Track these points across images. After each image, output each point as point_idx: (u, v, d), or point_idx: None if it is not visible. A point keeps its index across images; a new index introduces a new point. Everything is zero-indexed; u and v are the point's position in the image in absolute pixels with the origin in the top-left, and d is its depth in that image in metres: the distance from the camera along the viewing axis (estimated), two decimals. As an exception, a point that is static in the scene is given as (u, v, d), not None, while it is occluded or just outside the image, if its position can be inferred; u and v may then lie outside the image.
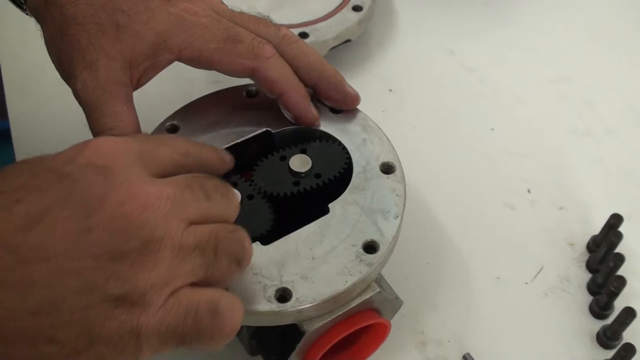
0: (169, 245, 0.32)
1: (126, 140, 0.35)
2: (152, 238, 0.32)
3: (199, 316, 0.33)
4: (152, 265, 0.32)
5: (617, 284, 0.50)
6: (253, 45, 0.46)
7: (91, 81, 0.43)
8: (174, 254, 0.32)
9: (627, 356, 0.47)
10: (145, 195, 0.32)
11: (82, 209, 0.31)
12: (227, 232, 0.35)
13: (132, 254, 0.31)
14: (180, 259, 0.33)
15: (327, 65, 0.49)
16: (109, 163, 0.33)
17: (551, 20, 0.75)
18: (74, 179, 0.32)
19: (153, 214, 0.32)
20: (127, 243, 0.31)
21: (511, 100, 0.67)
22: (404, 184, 0.46)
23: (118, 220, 0.31)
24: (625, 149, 0.63)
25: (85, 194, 0.31)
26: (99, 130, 0.43)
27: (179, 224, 0.33)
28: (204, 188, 0.35)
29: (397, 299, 0.45)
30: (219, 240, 0.35)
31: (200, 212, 0.35)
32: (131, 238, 0.31)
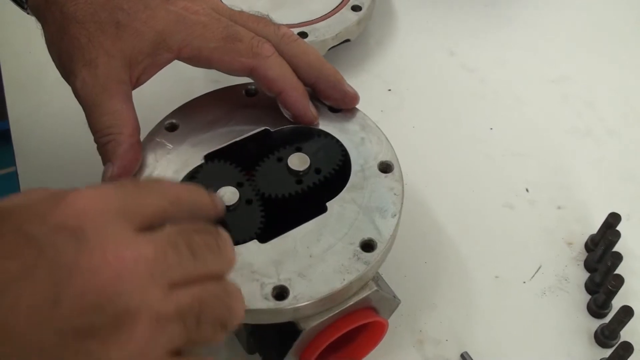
0: (145, 317, 0.29)
1: (106, 193, 0.32)
2: (127, 311, 0.29)
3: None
4: (126, 339, 0.29)
5: (614, 283, 0.50)
6: (252, 44, 0.46)
7: (90, 79, 0.43)
8: (151, 325, 0.30)
9: (624, 355, 0.47)
10: (121, 262, 0.29)
11: (50, 280, 0.28)
12: (213, 296, 0.32)
13: (103, 329, 0.28)
14: (158, 330, 0.30)
15: (326, 64, 0.49)
16: (83, 224, 0.29)
17: (551, 20, 0.75)
18: (43, 245, 0.28)
19: (128, 283, 0.29)
20: (98, 317, 0.28)
21: (511, 100, 0.67)
22: (402, 183, 0.46)
23: (88, 293, 0.28)
24: (625, 149, 0.63)
25: (54, 261, 0.28)
26: (98, 128, 0.43)
27: (159, 291, 0.30)
28: (190, 245, 0.32)
29: (394, 298, 0.45)
30: (204, 305, 0.32)
31: (184, 273, 0.32)
32: (103, 312, 0.28)
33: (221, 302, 0.33)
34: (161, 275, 0.30)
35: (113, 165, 0.43)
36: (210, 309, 0.32)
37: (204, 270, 0.33)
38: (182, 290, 0.31)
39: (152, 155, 0.47)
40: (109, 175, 0.43)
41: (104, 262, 0.29)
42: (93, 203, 0.31)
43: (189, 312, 0.31)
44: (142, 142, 0.46)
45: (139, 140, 0.45)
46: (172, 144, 0.47)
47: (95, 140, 0.44)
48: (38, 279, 0.28)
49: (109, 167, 0.43)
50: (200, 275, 0.32)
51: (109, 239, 0.30)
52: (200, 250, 0.32)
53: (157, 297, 0.30)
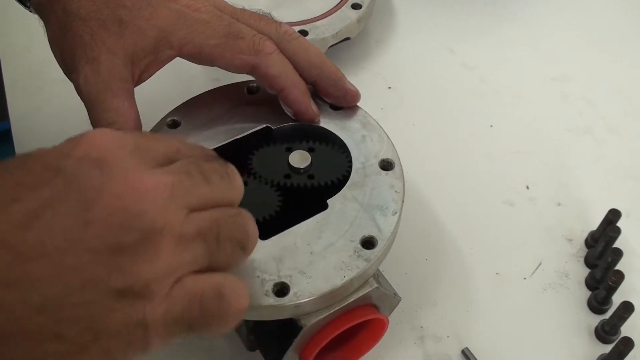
0: (169, 235, 0.31)
1: (121, 134, 0.34)
2: (152, 229, 0.31)
3: (205, 302, 0.33)
4: (153, 256, 0.31)
5: (615, 279, 0.50)
6: (254, 41, 0.46)
7: (93, 76, 0.44)
8: (175, 243, 0.32)
9: (625, 350, 0.47)
10: (143, 186, 0.31)
11: (79, 204, 0.30)
12: (229, 217, 0.35)
13: (132, 246, 0.30)
14: (181, 248, 0.32)
15: (328, 62, 0.49)
16: (104, 155, 0.32)
17: (552, 18, 0.75)
18: (70, 174, 0.31)
19: (151, 204, 0.31)
20: (127, 236, 0.30)
21: (511, 98, 0.67)
22: (403, 180, 0.46)
23: (116, 213, 0.30)
24: (625, 147, 0.63)
25: (81, 188, 0.30)
26: (100, 124, 0.44)
27: (179, 213, 0.32)
28: (202, 172, 0.34)
29: (395, 295, 0.46)
30: (221, 226, 0.34)
31: (200, 197, 0.34)
32: (130, 230, 0.30)
33: (236, 224, 0.35)
34: (180, 199, 0.32)
35: None
36: (227, 229, 0.34)
37: (217, 194, 0.35)
38: (200, 214, 0.33)
39: None
40: None
41: (127, 186, 0.31)
42: (112, 139, 0.33)
43: (208, 232, 0.33)
44: None
45: None
46: None
47: None
48: (69, 203, 0.30)
49: None
50: (214, 200, 0.34)
51: (129, 168, 0.32)
52: (212, 177, 0.35)
53: (178, 219, 0.32)
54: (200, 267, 0.33)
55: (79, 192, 0.30)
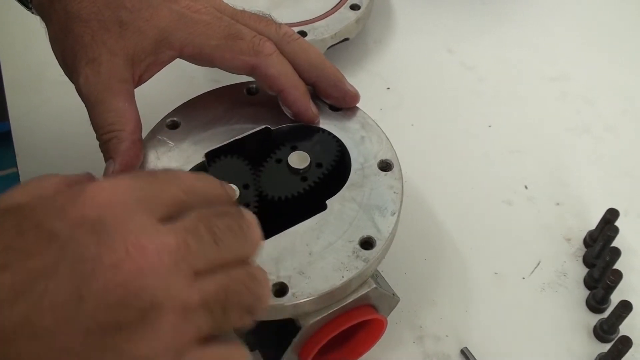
0: (171, 309, 0.29)
1: (125, 184, 0.31)
2: (152, 305, 0.28)
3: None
4: (152, 334, 0.28)
5: (613, 278, 0.50)
6: (254, 42, 0.46)
7: (93, 77, 0.44)
8: (177, 317, 0.29)
9: (623, 349, 0.47)
10: (143, 255, 0.29)
11: (73, 278, 0.28)
12: (238, 282, 0.32)
13: (130, 325, 0.28)
14: (184, 322, 0.29)
15: (327, 63, 0.49)
16: (103, 217, 0.29)
17: (550, 18, 0.75)
18: (64, 241, 0.28)
19: (152, 277, 0.28)
20: (124, 314, 0.28)
21: (509, 97, 0.67)
22: (402, 181, 0.46)
23: (112, 289, 0.28)
24: (623, 146, 0.63)
25: (75, 259, 0.28)
26: (100, 125, 0.44)
27: (183, 281, 0.30)
28: (212, 230, 0.31)
29: (393, 295, 0.46)
30: (229, 293, 0.31)
31: (208, 260, 0.31)
32: (128, 308, 0.28)
33: (246, 287, 0.32)
34: (185, 264, 0.30)
35: (114, 162, 0.43)
36: (235, 295, 0.31)
37: (227, 255, 0.32)
38: (206, 279, 0.31)
39: (154, 153, 0.47)
40: (110, 172, 0.44)
41: (126, 255, 0.28)
42: (113, 195, 0.30)
43: (214, 300, 0.31)
44: (143, 140, 0.47)
45: (141, 137, 0.45)
46: (173, 142, 0.48)
47: (97, 138, 0.44)
48: (61, 276, 0.28)
49: (110, 164, 0.44)
50: (223, 261, 0.32)
51: (130, 231, 0.29)
52: (222, 235, 0.32)
53: (182, 288, 0.30)
54: (203, 336, 0.31)
55: (73, 263, 0.28)
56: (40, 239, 0.28)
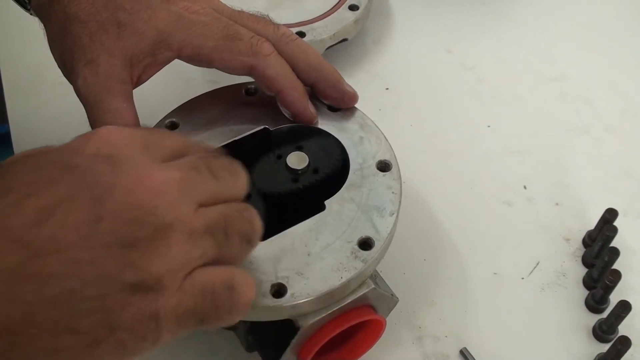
0: (179, 230, 0.32)
1: (131, 130, 0.35)
2: (163, 224, 0.32)
3: (216, 295, 0.33)
4: (164, 251, 0.32)
5: (612, 278, 0.50)
6: (252, 43, 0.46)
7: (92, 78, 0.44)
8: (185, 238, 0.32)
9: (622, 349, 0.47)
10: (153, 182, 0.32)
11: (92, 200, 0.31)
12: (236, 212, 0.35)
13: (143, 241, 0.31)
14: (191, 243, 0.33)
15: (326, 64, 0.49)
16: (116, 152, 0.33)
17: (550, 18, 0.75)
18: (82, 170, 0.32)
19: (162, 200, 0.32)
20: (138, 231, 0.31)
21: (508, 98, 0.67)
22: (400, 181, 0.46)
23: (127, 209, 0.31)
24: (622, 146, 0.63)
25: (93, 184, 0.31)
26: (98, 126, 0.44)
27: (189, 208, 0.33)
28: (210, 168, 0.35)
29: (392, 296, 0.46)
30: (229, 221, 0.35)
31: (209, 193, 0.35)
32: (142, 226, 0.31)
33: (243, 217, 0.36)
34: (189, 194, 0.33)
35: None
36: (235, 223, 0.35)
37: (224, 190, 0.36)
38: (208, 209, 0.34)
39: None
40: None
41: (138, 182, 0.32)
42: (122, 136, 0.34)
43: (216, 226, 0.34)
44: None
45: None
46: None
47: None
48: (82, 199, 0.31)
49: None
50: (222, 195, 0.35)
51: (139, 164, 0.33)
52: (219, 172, 0.35)
53: (188, 214, 0.33)
54: (209, 261, 0.34)
55: (91, 189, 0.31)
56: (60, 169, 0.32)
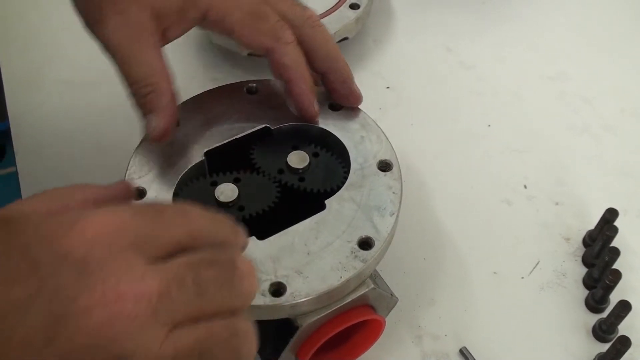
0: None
1: (121, 222, 0.30)
2: (121, 355, 0.27)
3: None
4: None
5: (612, 278, 0.50)
6: (276, 27, 0.46)
7: (123, 28, 0.43)
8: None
9: (622, 349, 0.47)
10: (120, 302, 0.27)
11: (46, 316, 0.27)
12: (218, 338, 0.30)
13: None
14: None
15: (342, 58, 0.49)
16: (88, 256, 0.28)
17: (549, 17, 0.75)
18: (46, 274, 0.27)
19: (125, 326, 0.27)
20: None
21: (508, 97, 0.67)
22: (401, 181, 0.46)
23: (82, 335, 0.27)
24: (622, 145, 0.63)
25: (53, 296, 0.27)
26: (136, 78, 0.43)
27: (158, 333, 0.28)
28: (198, 281, 0.30)
29: (392, 296, 0.46)
30: (205, 349, 0.30)
31: (189, 312, 0.29)
32: (95, 355, 0.27)
33: (227, 344, 0.30)
34: (164, 313, 0.29)
35: (158, 116, 0.43)
36: (212, 353, 0.30)
37: (212, 307, 0.30)
38: (184, 331, 0.29)
39: (154, 151, 0.47)
40: (154, 127, 0.43)
41: (102, 301, 0.27)
42: (105, 232, 0.29)
43: (187, 355, 0.29)
44: (142, 139, 0.47)
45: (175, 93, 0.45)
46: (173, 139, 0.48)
47: (133, 91, 0.44)
48: (36, 312, 0.27)
49: (152, 119, 0.43)
50: (207, 313, 0.30)
51: (111, 273, 0.28)
52: (207, 287, 0.30)
53: (155, 340, 0.28)
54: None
55: (50, 300, 0.27)
56: (24, 266, 0.28)
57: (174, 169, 0.46)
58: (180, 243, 0.31)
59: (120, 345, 0.27)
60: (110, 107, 0.61)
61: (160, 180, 0.45)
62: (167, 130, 0.44)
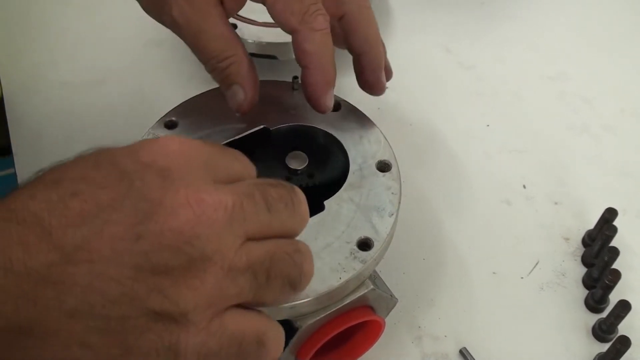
0: (218, 265, 0.30)
1: (196, 144, 0.33)
2: (201, 255, 0.30)
3: (244, 346, 0.32)
4: (197, 284, 0.29)
5: (612, 278, 0.50)
6: (309, 10, 0.44)
7: (188, 5, 0.43)
8: (223, 274, 0.30)
9: (622, 349, 0.47)
10: (202, 206, 0.30)
11: (135, 214, 0.29)
12: (285, 253, 0.33)
13: (177, 270, 0.29)
14: (228, 280, 0.30)
15: (380, 45, 0.48)
16: (171, 165, 0.31)
17: (548, 17, 0.75)
18: (133, 180, 0.30)
19: (206, 228, 0.30)
20: (174, 258, 0.29)
21: (507, 97, 0.67)
22: (400, 182, 0.47)
23: (167, 232, 0.29)
24: (621, 145, 0.64)
25: (140, 198, 0.30)
26: (211, 54, 0.43)
27: (234, 241, 0.31)
28: (266, 197, 0.32)
29: (391, 296, 0.46)
30: (275, 262, 0.32)
31: (260, 226, 0.32)
32: (178, 253, 0.29)
33: (292, 260, 0.33)
34: (237, 225, 0.31)
35: (243, 86, 0.43)
36: (281, 265, 0.32)
37: (278, 224, 0.33)
38: (255, 244, 0.32)
39: None
40: (241, 98, 0.44)
41: (186, 203, 0.30)
42: (184, 148, 0.32)
43: (259, 266, 0.31)
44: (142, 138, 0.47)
45: None
46: None
47: (211, 67, 0.44)
48: (125, 211, 0.29)
49: (238, 91, 0.43)
50: (274, 230, 0.33)
51: (192, 183, 0.31)
52: (275, 204, 0.33)
53: (232, 247, 0.31)
54: (243, 301, 0.32)
55: (136, 202, 0.29)
56: (113, 173, 0.30)
57: None
58: (238, 174, 0.34)
59: (201, 246, 0.29)
60: (110, 108, 0.62)
61: None
62: (254, 98, 0.44)
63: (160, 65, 0.65)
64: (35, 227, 0.29)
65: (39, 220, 0.29)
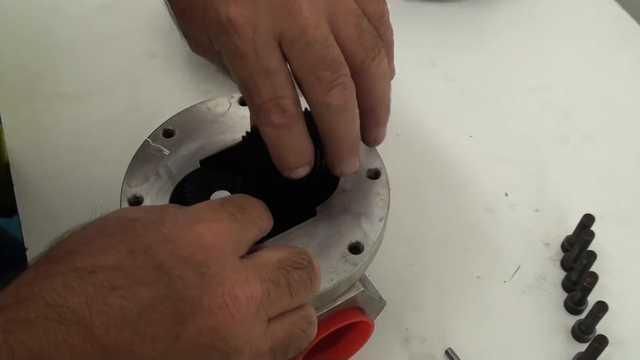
0: (246, 354, 0.32)
1: (227, 227, 0.34)
2: (234, 350, 0.32)
3: None
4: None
5: (590, 280, 0.52)
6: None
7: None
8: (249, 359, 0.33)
9: (600, 347, 0.49)
10: (237, 305, 0.32)
11: (174, 314, 0.30)
12: (300, 330, 0.35)
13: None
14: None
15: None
16: (207, 260, 0.32)
17: (530, 31, 0.77)
18: (172, 277, 0.31)
19: (239, 325, 0.32)
20: (209, 356, 0.31)
21: (490, 108, 0.69)
22: (388, 188, 0.48)
23: (206, 332, 0.31)
24: (599, 154, 0.65)
25: (179, 297, 0.30)
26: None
27: (260, 328, 0.33)
28: (289, 282, 0.34)
29: (380, 299, 0.47)
30: (292, 339, 0.35)
31: (281, 308, 0.34)
32: (214, 350, 0.31)
33: (304, 333, 0.36)
34: (264, 312, 0.33)
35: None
36: (295, 341, 0.35)
37: (296, 303, 0.35)
38: (276, 325, 0.34)
39: (150, 160, 0.48)
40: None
41: (223, 303, 0.31)
42: (218, 238, 0.33)
43: (280, 346, 0.34)
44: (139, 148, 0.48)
45: None
46: (168, 150, 0.49)
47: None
48: (165, 311, 0.30)
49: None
50: (292, 307, 0.35)
51: (228, 277, 0.32)
52: (297, 288, 0.35)
53: (259, 335, 0.33)
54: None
55: (176, 301, 0.30)
56: (149, 265, 0.31)
57: (170, 177, 0.47)
58: (256, 239, 0.36)
59: (235, 341, 0.31)
60: (105, 118, 0.62)
61: (156, 189, 0.47)
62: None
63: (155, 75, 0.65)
64: (77, 325, 0.29)
65: (80, 319, 0.29)
